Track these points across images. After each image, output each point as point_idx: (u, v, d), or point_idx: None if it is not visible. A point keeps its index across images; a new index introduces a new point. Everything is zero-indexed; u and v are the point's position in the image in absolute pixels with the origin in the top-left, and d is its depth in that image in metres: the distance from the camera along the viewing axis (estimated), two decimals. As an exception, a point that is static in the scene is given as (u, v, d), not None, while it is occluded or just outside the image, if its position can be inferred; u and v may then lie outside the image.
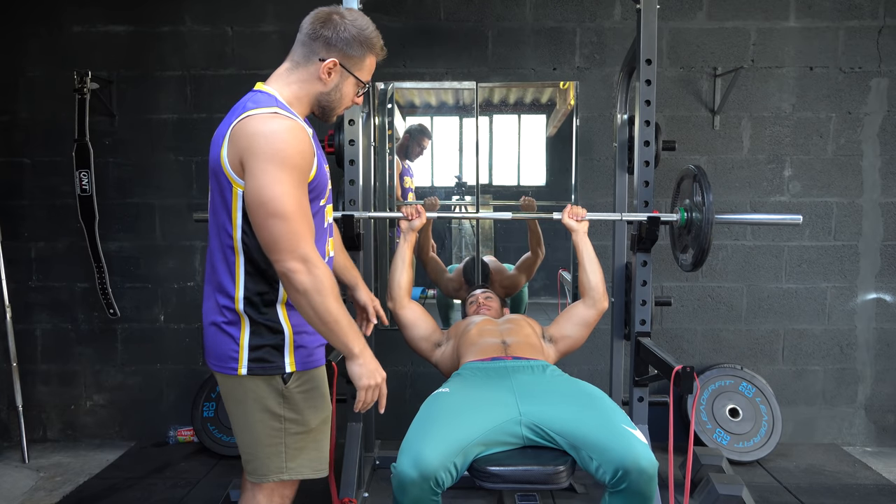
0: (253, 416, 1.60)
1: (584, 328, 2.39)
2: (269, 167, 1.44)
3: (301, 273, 1.44)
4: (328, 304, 1.47)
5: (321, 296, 1.46)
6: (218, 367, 1.60)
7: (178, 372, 3.42)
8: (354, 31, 1.56)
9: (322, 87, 1.59)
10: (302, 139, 1.48)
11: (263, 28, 3.29)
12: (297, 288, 1.45)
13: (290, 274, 1.45)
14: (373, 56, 1.62)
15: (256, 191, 1.45)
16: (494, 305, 2.59)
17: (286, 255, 1.45)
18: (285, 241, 1.44)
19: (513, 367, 2.10)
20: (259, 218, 1.46)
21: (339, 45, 1.56)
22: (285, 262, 1.45)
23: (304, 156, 1.48)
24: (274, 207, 1.44)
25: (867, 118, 3.30)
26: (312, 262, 1.45)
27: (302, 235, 1.46)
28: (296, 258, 1.44)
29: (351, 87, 1.63)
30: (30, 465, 3.13)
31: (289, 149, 1.45)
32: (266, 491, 1.65)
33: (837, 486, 2.92)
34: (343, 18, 1.56)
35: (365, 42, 1.58)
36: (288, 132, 1.46)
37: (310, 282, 1.45)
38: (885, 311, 3.38)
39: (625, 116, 2.88)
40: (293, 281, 1.45)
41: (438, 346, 2.39)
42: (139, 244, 3.38)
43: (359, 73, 1.61)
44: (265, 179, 1.44)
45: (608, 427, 1.76)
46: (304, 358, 1.61)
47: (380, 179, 3.03)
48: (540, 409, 1.85)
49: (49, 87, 3.29)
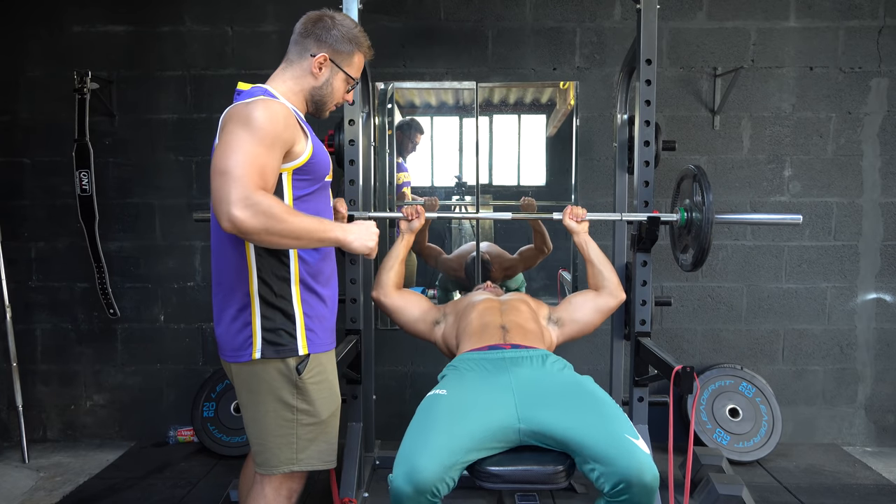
0: (266, 406, 1.64)
1: (598, 315, 2.38)
2: (233, 128, 1.50)
3: (247, 218, 1.41)
4: (289, 224, 1.47)
5: (279, 223, 1.45)
6: (233, 356, 1.65)
7: (178, 372, 3.42)
8: (343, 29, 1.72)
9: (314, 82, 1.70)
10: (275, 110, 1.54)
11: (263, 28, 3.29)
12: (252, 231, 1.43)
13: (239, 223, 1.42)
14: (360, 54, 1.75)
15: (216, 152, 1.51)
16: (498, 291, 2.60)
17: (227, 205, 1.41)
18: (226, 192, 1.42)
19: (511, 359, 2.04)
20: (211, 177, 1.48)
21: (328, 41, 1.69)
22: (229, 213, 1.41)
23: (273, 122, 1.52)
24: (223, 163, 1.45)
25: (867, 118, 3.30)
26: (253, 200, 1.42)
27: (244, 182, 1.43)
28: (236, 205, 1.41)
29: (341, 82, 1.74)
30: (30, 465, 3.13)
31: (259, 115, 1.51)
32: (275, 483, 1.68)
33: (837, 486, 2.92)
34: (332, 18, 1.71)
35: (353, 39, 1.71)
36: (261, 104, 1.54)
37: (259, 220, 1.43)
38: (885, 311, 3.38)
39: (625, 116, 2.88)
40: (245, 227, 1.42)
41: (437, 324, 2.36)
42: (139, 244, 3.38)
43: (348, 68, 1.73)
44: (226, 139, 1.50)
45: (611, 436, 1.71)
46: (314, 340, 1.67)
47: (380, 179, 3.04)
48: (539, 416, 1.80)
49: (49, 87, 3.29)
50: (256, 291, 1.61)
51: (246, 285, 1.61)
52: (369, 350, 2.79)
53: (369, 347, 2.79)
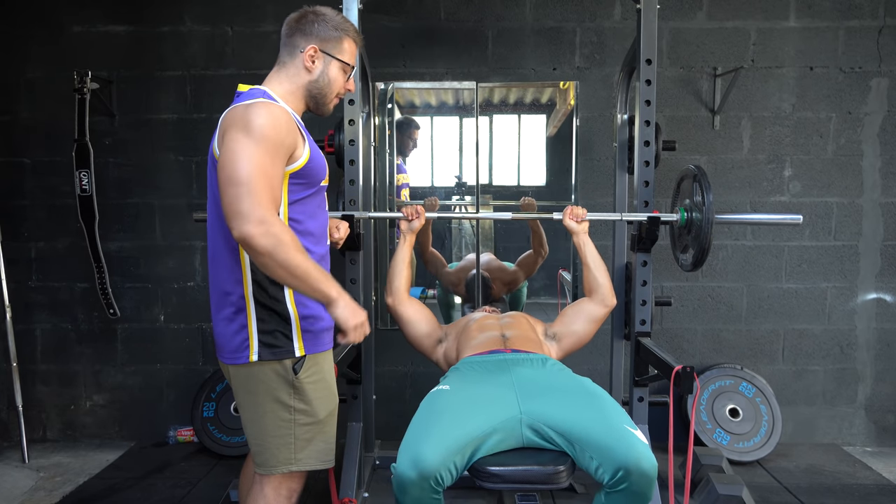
0: (264, 406, 1.65)
1: (591, 324, 2.37)
2: (238, 136, 1.51)
3: (258, 236, 1.45)
4: (294, 258, 1.48)
5: (285, 252, 1.47)
6: (230, 359, 1.66)
7: (178, 372, 3.42)
8: (326, 18, 1.70)
9: (309, 76, 1.69)
10: (277, 115, 1.55)
11: (263, 28, 3.29)
12: (258, 251, 1.46)
13: (249, 239, 1.45)
14: (349, 39, 1.73)
15: (222, 159, 1.51)
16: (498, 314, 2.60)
17: (242, 220, 1.45)
18: (240, 204, 1.45)
19: (512, 360, 2.07)
20: (221, 184, 1.50)
21: (314, 31, 1.68)
22: (243, 226, 1.45)
23: (276, 129, 1.53)
24: (233, 172, 1.48)
25: (867, 118, 3.30)
26: (269, 222, 1.46)
27: (259, 198, 1.46)
28: (252, 221, 1.45)
29: (336, 71, 1.72)
30: (30, 465, 3.13)
31: (262, 121, 1.52)
32: (274, 483, 1.69)
33: (837, 486, 2.92)
34: (314, 12, 1.70)
35: (338, 26, 1.71)
36: (263, 108, 1.54)
37: (270, 242, 1.45)
38: (885, 311, 3.38)
39: (625, 116, 2.88)
40: (253, 245, 1.45)
41: (440, 343, 2.38)
42: (139, 244, 3.38)
43: (340, 55, 1.72)
44: (231, 146, 1.50)
45: (609, 427, 1.74)
46: (311, 341, 1.67)
47: (380, 179, 3.04)
48: (541, 407, 1.84)
49: (49, 87, 3.29)
50: (251, 294, 1.61)
51: (241, 287, 1.62)
52: (369, 350, 2.79)
53: (369, 347, 2.79)
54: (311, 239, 1.68)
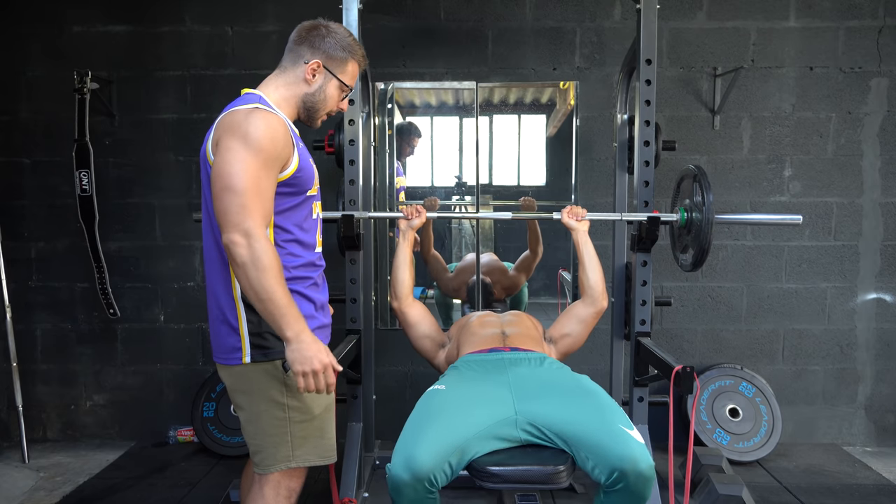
0: (259, 406, 1.66)
1: (582, 326, 2.36)
2: (234, 144, 1.53)
3: (241, 246, 1.49)
4: (265, 280, 1.49)
5: (258, 271, 1.49)
6: (224, 359, 1.67)
7: (178, 372, 3.42)
8: (337, 37, 1.72)
9: (307, 88, 1.71)
10: (275, 128, 1.57)
11: (263, 28, 3.29)
12: (236, 261, 1.50)
13: (231, 246, 1.50)
14: (354, 62, 1.76)
15: (218, 165, 1.54)
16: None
17: (230, 228, 1.50)
18: (231, 214, 1.50)
19: (510, 360, 2.06)
20: (215, 190, 1.53)
21: (322, 47, 1.70)
22: (228, 234, 1.50)
23: (274, 142, 1.56)
24: (228, 181, 1.51)
25: (867, 118, 3.30)
26: (255, 236, 1.49)
27: (250, 211, 1.50)
28: (239, 231, 1.49)
29: (334, 89, 1.74)
30: (30, 465, 3.13)
31: (258, 132, 1.54)
32: (273, 483, 1.69)
33: (837, 486, 2.92)
34: (327, 27, 1.73)
35: (346, 47, 1.73)
36: (262, 119, 1.56)
37: (248, 256, 1.49)
38: (885, 311, 3.38)
39: (625, 116, 2.88)
40: (233, 253, 1.50)
41: (442, 347, 2.38)
42: (139, 244, 3.38)
43: (342, 75, 1.74)
44: (228, 155, 1.53)
45: (605, 427, 1.74)
46: None
47: (380, 179, 3.04)
48: (536, 408, 1.83)
49: (49, 87, 3.29)
50: (240, 295, 1.62)
51: (230, 289, 1.63)
52: (369, 350, 2.78)
53: (369, 347, 2.79)
54: (297, 247, 1.68)
